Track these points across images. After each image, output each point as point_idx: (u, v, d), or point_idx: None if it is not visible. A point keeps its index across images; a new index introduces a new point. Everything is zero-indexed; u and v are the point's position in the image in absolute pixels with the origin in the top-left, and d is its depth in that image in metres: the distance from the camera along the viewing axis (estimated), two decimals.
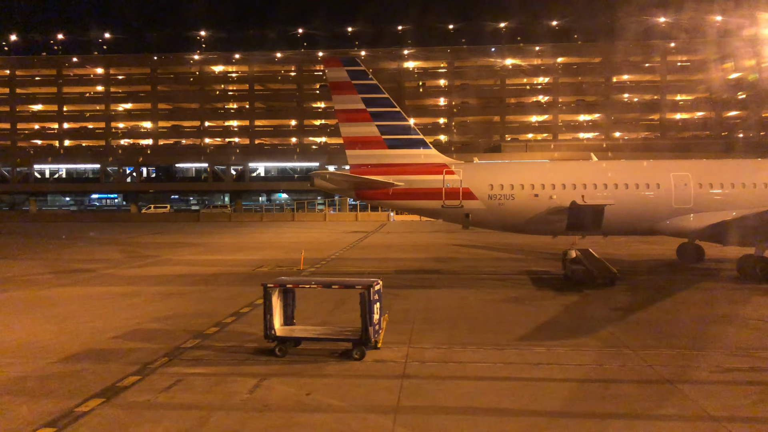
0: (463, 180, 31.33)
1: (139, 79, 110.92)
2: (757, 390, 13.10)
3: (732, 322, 19.55)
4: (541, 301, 23.59)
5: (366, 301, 15.28)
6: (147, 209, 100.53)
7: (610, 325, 19.14)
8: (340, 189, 33.35)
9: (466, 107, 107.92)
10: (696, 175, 30.47)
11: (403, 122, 32.85)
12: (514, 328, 18.84)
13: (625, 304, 22.59)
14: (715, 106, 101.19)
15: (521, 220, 31.18)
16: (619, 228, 31.35)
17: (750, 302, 22.80)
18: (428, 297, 24.60)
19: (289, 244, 49.28)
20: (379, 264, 35.78)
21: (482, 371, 14.51)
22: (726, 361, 15.12)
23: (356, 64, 32.91)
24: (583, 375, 14.14)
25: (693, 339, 17.40)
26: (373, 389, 13.15)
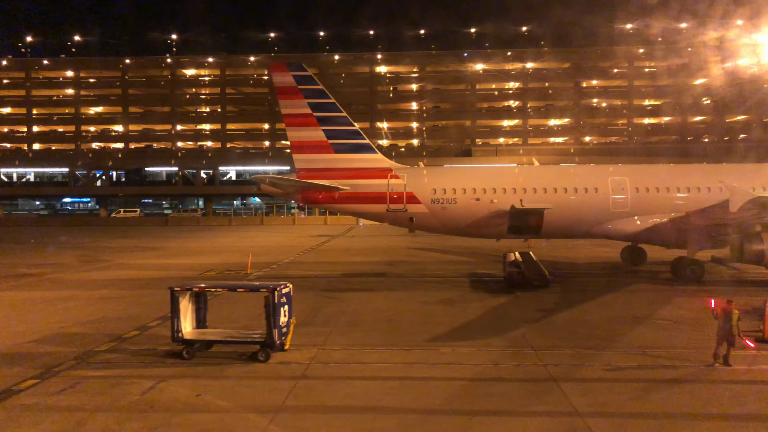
0: (407, 184, 31.78)
1: (110, 82, 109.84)
2: (636, 387, 13.66)
3: (643, 322, 20.20)
4: (470, 303, 24.07)
5: (270, 304, 15.58)
6: (117, 213, 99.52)
7: (525, 326, 19.67)
8: (286, 193, 33.59)
9: (437, 112, 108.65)
10: (633, 179, 31.25)
11: (350, 127, 33.21)
12: (432, 329, 19.30)
13: (550, 306, 23.17)
14: (681, 111, 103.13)
15: (463, 223, 31.71)
16: (559, 231, 32.01)
17: (670, 303, 23.51)
18: (363, 300, 24.96)
19: (249, 248, 49.24)
20: (329, 267, 36.05)
21: (380, 371, 14.90)
22: (618, 360, 15.69)
23: (302, 69, 33.26)
24: (475, 374, 14.60)
25: (598, 339, 17.97)
26: (265, 390, 13.45)
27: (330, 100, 33.20)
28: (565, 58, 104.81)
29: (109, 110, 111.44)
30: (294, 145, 33.26)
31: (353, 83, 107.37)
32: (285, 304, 16.22)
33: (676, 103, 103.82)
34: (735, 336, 14.76)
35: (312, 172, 32.67)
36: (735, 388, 13.59)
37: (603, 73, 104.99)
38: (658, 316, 21.16)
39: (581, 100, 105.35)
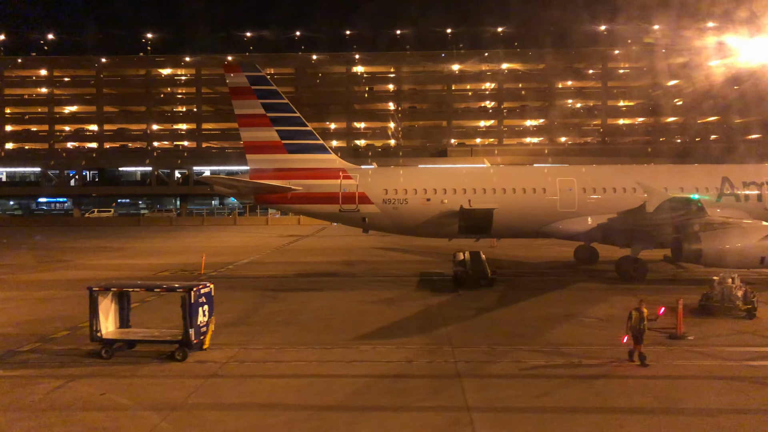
0: (359, 185, 32.03)
1: (85, 81, 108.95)
2: (535, 383, 14.06)
3: (570, 320, 20.64)
4: (410, 302, 24.38)
5: (187, 304, 15.73)
6: (90, 213, 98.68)
7: (453, 324, 20.04)
8: (240, 194, 33.67)
9: (414, 112, 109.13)
10: (580, 180, 31.79)
11: (303, 127, 33.38)
12: (362, 328, 19.58)
13: (486, 304, 23.55)
14: (654, 112, 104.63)
15: (414, 223, 32.04)
16: (509, 230, 32.49)
17: (605, 301, 23.96)
18: (305, 299, 25.15)
19: (213, 248, 49.27)
20: (286, 267, 36.18)
21: (293, 369, 15.15)
22: (529, 357, 16.08)
23: (256, 70, 33.39)
24: (385, 371, 14.90)
25: (519, 336, 18.37)
26: (171, 388, 13.63)
27: (283, 100, 33.36)
28: (540, 60, 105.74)
29: (84, 109, 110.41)
30: (247, 146, 33.38)
31: (330, 83, 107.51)
32: (204, 304, 16.39)
33: (648, 104, 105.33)
34: (642, 335, 15.15)
35: (266, 172, 32.80)
36: (629, 383, 14.01)
37: (577, 74, 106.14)
38: (587, 314, 21.63)
39: (556, 101, 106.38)
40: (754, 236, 26.35)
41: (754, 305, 20.79)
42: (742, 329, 18.99)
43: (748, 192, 30.79)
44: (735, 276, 21.73)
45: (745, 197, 30.78)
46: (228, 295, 26.29)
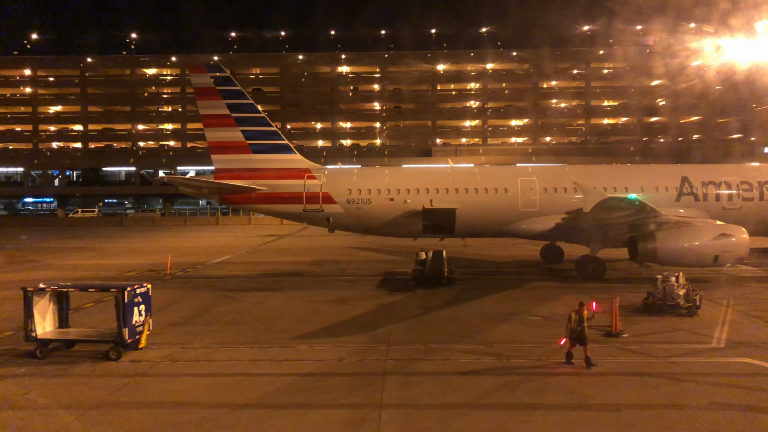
0: (323, 185, 32.20)
1: (69, 81, 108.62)
2: (454, 380, 14.29)
3: (514, 319, 20.90)
4: (364, 301, 24.56)
5: (120, 304, 15.86)
6: (74, 213, 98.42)
7: (399, 323, 20.29)
8: (205, 194, 33.77)
9: (399, 112, 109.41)
10: (542, 179, 32.07)
11: (268, 127, 33.49)
12: (307, 327, 19.76)
13: (439, 303, 23.78)
14: (637, 111, 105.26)
15: (379, 223, 32.24)
16: (473, 230, 32.75)
17: (556, 300, 24.18)
18: (260, 299, 25.28)
19: (189, 248, 49.36)
20: (253, 267, 36.32)
21: (224, 368, 15.31)
22: (460, 354, 16.33)
23: (221, 71, 33.45)
24: (313, 369, 15.09)
25: (458, 334, 18.62)
26: (95, 387, 13.78)
27: (248, 100, 33.45)
28: (525, 60, 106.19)
29: (68, 109, 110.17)
30: (212, 146, 33.47)
31: (315, 83, 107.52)
32: (141, 303, 16.52)
33: (632, 104, 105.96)
34: (587, 336, 15.09)
35: (230, 172, 32.90)
36: (547, 380, 14.25)
37: (561, 74, 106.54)
38: (532, 312, 21.88)
39: (540, 101, 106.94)
40: (707, 235, 26.75)
41: (695, 303, 21.10)
42: (679, 327, 19.28)
43: (707, 191, 31.14)
44: (679, 274, 22.04)
45: (704, 196, 31.13)
46: (186, 295, 26.50)
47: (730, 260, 26.99)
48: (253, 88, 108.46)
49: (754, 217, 30.91)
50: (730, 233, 26.88)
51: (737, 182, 31.24)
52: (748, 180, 31.32)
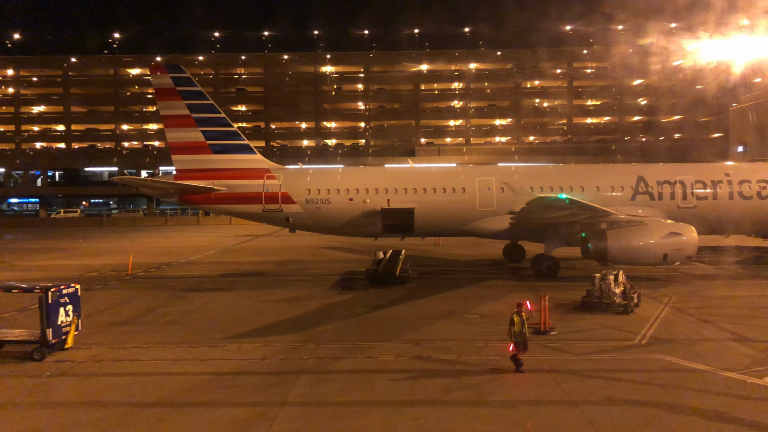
0: (282, 185, 32.35)
1: (52, 81, 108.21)
2: (365, 377, 14.53)
3: (452, 317, 21.13)
4: (313, 300, 24.74)
5: (44, 304, 15.96)
6: (57, 214, 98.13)
7: (337, 322, 20.54)
8: (164, 194, 33.85)
9: (382, 112, 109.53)
10: (499, 179, 32.26)
11: (228, 128, 33.64)
12: (245, 326, 19.94)
13: (385, 302, 23.95)
14: (619, 111, 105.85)
15: (338, 223, 32.41)
16: (432, 229, 32.95)
17: (500, 298, 24.36)
18: (209, 299, 25.40)
19: (161, 248, 49.41)
20: (217, 267, 36.42)
21: (144, 368, 15.47)
22: (384, 353, 16.55)
23: (181, 71, 33.54)
24: (232, 368, 15.30)
25: (392, 333, 18.82)
26: (8, 388, 13.98)
27: (208, 101, 33.57)
28: (507, 59, 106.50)
29: (51, 109, 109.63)
30: (172, 146, 33.59)
31: (299, 83, 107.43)
32: (68, 304, 16.65)
33: (614, 103, 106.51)
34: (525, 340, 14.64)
35: (191, 172, 33.04)
36: (462, 378, 14.45)
37: (544, 73, 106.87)
38: (473, 310, 22.10)
39: (522, 101, 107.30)
40: (657, 234, 27.06)
41: (631, 301, 21.37)
42: (610, 324, 19.53)
43: (662, 190, 31.46)
44: (618, 273, 22.30)
45: (659, 195, 31.46)
46: (138, 295, 26.62)
47: (679, 258, 27.26)
48: (237, 88, 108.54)
49: (709, 215, 31.30)
50: (680, 232, 27.22)
51: (692, 181, 31.59)
52: (703, 179, 31.67)
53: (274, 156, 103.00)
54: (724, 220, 31.55)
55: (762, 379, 13.75)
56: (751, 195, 31.20)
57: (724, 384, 13.53)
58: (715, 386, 13.39)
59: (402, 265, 29.19)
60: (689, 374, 14.31)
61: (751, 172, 32.36)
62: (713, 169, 32.72)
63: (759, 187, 31.25)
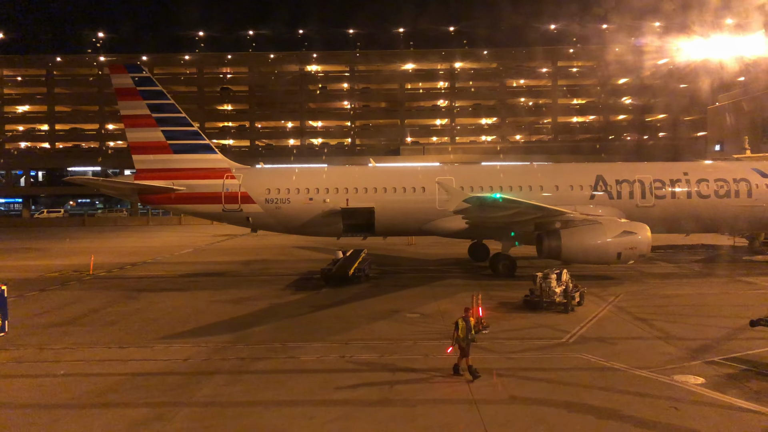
0: (242, 184, 32.32)
1: (36, 80, 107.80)
2: (280, 378, 14.50)
3: (393, 316, 21.16)
4: (262, 300, 24.73)
5: None
6: (40, 214, 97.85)
7: (277, 322, 20.65)
8: (124, 195, 33.79)
9: (368, 111, 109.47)
10: (459, 178, 32.29)
11: (189, 127, 33.59)
12: (183, 326, 19.98)
13: (333, 302, 24.00)
14: (604, 110, 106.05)
15: (298, 222, 32.42)
16: (393, 228, 32.93)
17: (448, 297, 24.39)
18: (160, 300, 25.37)
19: (133, 248, 49.29)
20: (181, 267, 36.36)
21: (63, 369, 15.36)
22: (309, 353, 16.54)
23: (141, 71, 33.53)
24: (151, 369, 15.30)
25: (325, 332, 18.86)
26: None
27: (169, 101, 33.51)
28: (492, 58, 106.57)
29: (35, 109, 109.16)
30: (133, 146, 33.53)
31: (284, 82, 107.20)
32: None
33: (598, 102, 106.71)
34: (469, 346, 13.91)
35: (151, 172, 33.00)
36: (366, 376, 14.46)
37: (529, 72, 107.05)
38: (416, 310, 22.12)
39: (508, 100, 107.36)
40: (610, 233, 27.19)
41: (572, 300, 21.45)
42: (546, 323, 19.59)
43: (621, 189, 31.56)
44: (562, 271, 22.38)
45: (618, 194, 31.57)
46: (89, 295, 26.56)
47: (633, 257, 27.36)
48: (222, 87, 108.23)
49: (668, 214, 31.43)
50: (633, 231, 27.36)
51: (650, 180, 31.70)
52: (661, 178, 31.79)
53: (259, 155, 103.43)
54: (683, 219, 31.67)
55: (670, 377, 13.82)
56: (708, 194, 31.36)
57: (631, 382, 13.60)
58: (621, 384, 13.45)
59: (359, 265, 29.18)
60: (602, 372, 14.37)
61: (709, 171, 32.50)
62: (672, 168, 32.83)
63: (716, 186, 31.41)
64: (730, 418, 11.51)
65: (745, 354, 15.42)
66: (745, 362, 14.80)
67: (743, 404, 12.08)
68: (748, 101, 61.35)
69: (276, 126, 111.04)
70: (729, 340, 16.81)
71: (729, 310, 20.39)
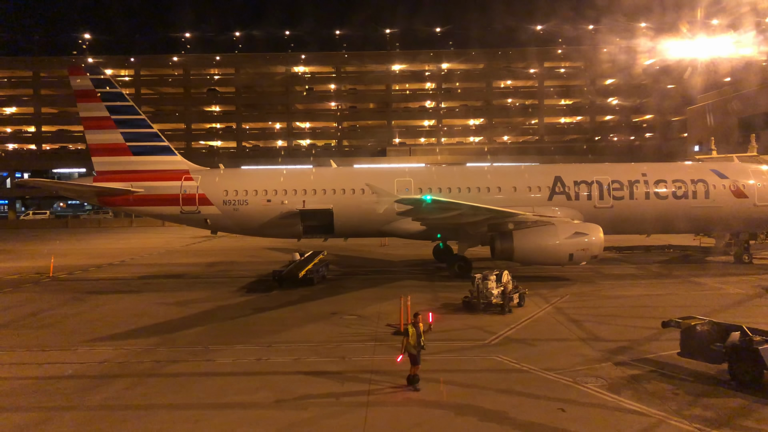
0: (200, 186, 32.31)
1: (22, 82, 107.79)
2: (181, 381, 14.45)
3: (330, 318, 21.14)
4: (208, 302, 24.70)
5: None
6: (26, 216, 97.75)
7: (211, 324, 20.59)
8: (83, 197, 33.77)
9: (355, 112, 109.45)
10: (417, 180, 32.31)
11: (148, 129, 33.59)
12: (116, 329, 19.93)
13: (279, 303, 24.02)
14: (590, 110, 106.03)
15: (257, 224, 32.39)
16: (352, 230, 32.89)
17: (391, 299, 24.00)
18: (106, 302, 25.32)
19: (106, 249, 49.29)
20: (143, 269, 36.34)
21: None
22: (225, 356, 16.47)
23: (100, 73, 33.63)
24: (62, 372, 15.25)
25: (256, 335, 18.83)
26: None
27: (128, 103, 33.50)
28: (479, 59, 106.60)
29: (22, 111, 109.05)
30: (92, 148, 33.53)
31: (270, 84, 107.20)
32: None
33: (585, 102, 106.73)
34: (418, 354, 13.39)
35: (111, 174, 33.02)
36: (248, 379, 14.46)
37: (515, 73, 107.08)
38: (357, 312, 22.07)
39: (494, 101, 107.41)
40: (562, 234, 27.22)
41: (510, 302, 21.42)
42: (477, 324, 19.53)
43: (579, 191, 31.54)
44: (502, 272, 22.32)
45: (576, 196, 31.54)
46: (38, 298, 26.54)
47: (585, 258, 27.38)
48: (208, 88, 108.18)
49: (626, 215, 31.40)
50: (585, 232, 27.42)
51: (609, 181, 31.67)
52: (620, 179, 31.75)
53: (246, 157, 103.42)
54: (641, 220, 31.65)
55: (574, 379, 13.78)
56: (666, 195, 31.33)
57: (533, 384, 13.56)
58: (521, 386, 13.41)
59: (315, 267, 29.14)
60: (507, 374, 14.33)
61: (667, 172, 32.46)
62: (631, 169, 32.78)
63: (674, 187, 31.39)
64: (610, 419, 11.48)
65: (657, 355, 15.40)
66: (654, 363, 14.78)
67: (631, 405, 12.04)
68: (725, 102, 61.38)
69: (263, 127, 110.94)
70: (650, 341, 16.76)
71: (666, 311, 20.28)
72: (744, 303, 22.16)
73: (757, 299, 22.78)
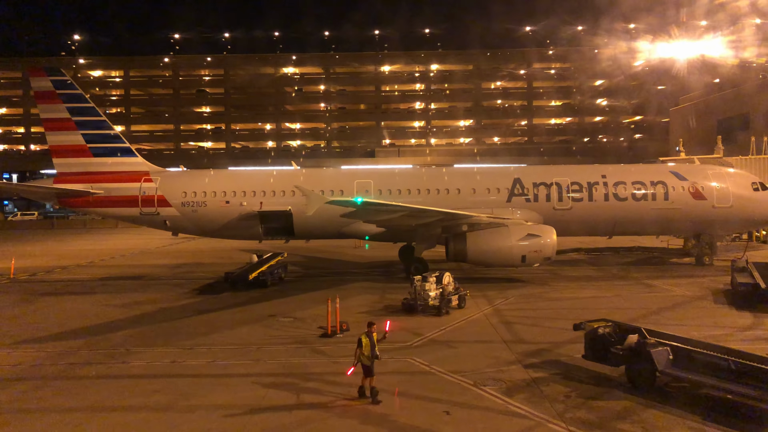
0: (159, 188, 32.29)
1: (12, 82, 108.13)
2: (89, 384, 14.35)
3: (266, 321, 21.07)
4: (156, 304, 24.67)
5: None
6: (14, 216, 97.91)
7: (144, 326, 20.56)
8: (44, 198, 33.78)
9: (344, 113, 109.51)
10: (377, 182, 32.28)
11: (109, 131, 33.58)
12: (47, 331, 19.95)
13: (224, 305, 24.05)
14: (579, 112, 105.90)
15: (216, 225, 32.36)
16: (312, 231, 32.78)
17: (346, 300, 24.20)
18: (53, 303, 25.33)
19: (80, 251, 49.24)
20: (106, 270, 36.31)
21: None
22: (144, 359, 16.44)
23: (61, 74, 33.50)
24: None
25: (184, 337, 18.80)
26: None
27: (89, 104, 33.51)
28: (469, 60, 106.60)
29: (11, 112, 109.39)
30: (53, 150, 33.55)
31: (260, 85, 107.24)
32: None
33: (573, 103, 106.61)
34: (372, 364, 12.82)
35: (71, 175, 33.04)
36: (148, 382, 14.38)
37: (504, 74, 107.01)
38: (295, 314, 21.98)
39: (483, 102, 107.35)
40: (515, 236, 27.14)
41: (448, 304, 21.35)
42: (409, 326, 19.41)
43: (538, 192, 31.41)
44: (443, 274, 22.24)
45: (535, 197, 31.42)
46: None
47: (537, 260, 27.29)
48: (198, 89, 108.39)
49: (585, 216, 31.28)
50: (538, 234, 27.34)
51: (568, 183, 31.54)
52: (579, 180, 31.64)
53: (236, 158, 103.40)
54: (601, 222, 31.54)
55: (476, 381, 13.68)
56: (626, 197, 31.19)
57: (433, 387, 13.47)
58: (419, 389, 13.33)
59: (269, 269, 29.06)
60: (412, 377, 14.26)
61: (627, 173, 32.31)
62: (590, 171, 32.68)
63: (634, 189, 31.26)
64: (491, 422, 11.39)
65: (569, 358, 15.30)
66: (563, 366, 14.69)
67: (518, 408, 11.95)
68: (706, 104, 61.22)
69: (253, 128, 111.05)
70: (569, 344, 16.63)
71: (600, 313, 20.18)
72: (683, 305, 22.05)
73: (697, 301, 22.65)
